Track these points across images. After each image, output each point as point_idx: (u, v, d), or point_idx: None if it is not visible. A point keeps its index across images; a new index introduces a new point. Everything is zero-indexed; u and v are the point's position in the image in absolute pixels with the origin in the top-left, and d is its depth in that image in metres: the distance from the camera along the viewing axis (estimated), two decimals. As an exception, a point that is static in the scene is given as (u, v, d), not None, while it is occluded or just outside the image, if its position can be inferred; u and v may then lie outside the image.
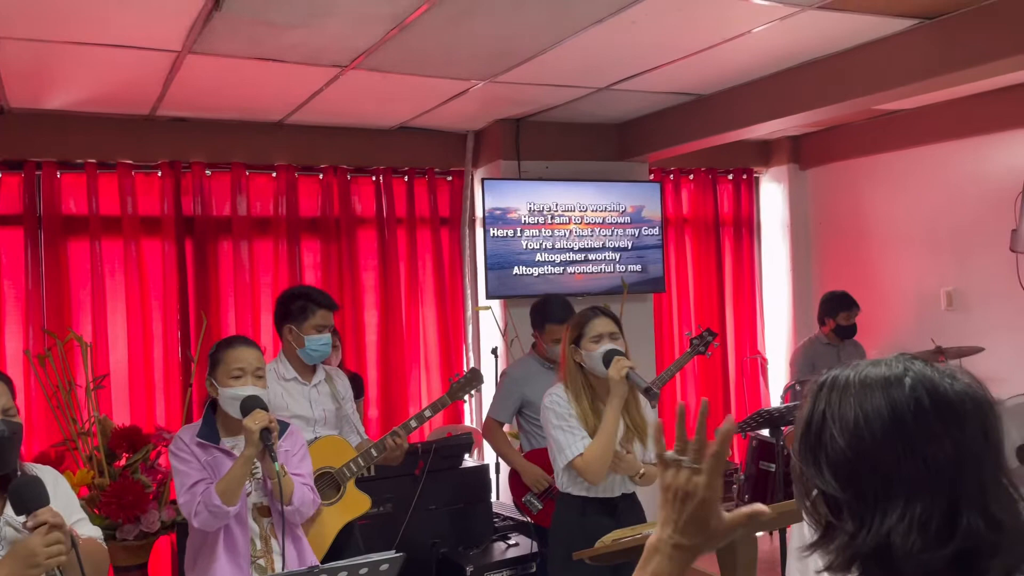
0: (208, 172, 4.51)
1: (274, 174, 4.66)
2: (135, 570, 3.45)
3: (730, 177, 5.86)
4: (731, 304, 5.80)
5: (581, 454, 2.60)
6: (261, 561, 2.44)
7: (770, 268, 6.00)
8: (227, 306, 4.52)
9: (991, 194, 4.53)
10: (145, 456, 3.45)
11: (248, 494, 2.43)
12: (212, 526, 2.39)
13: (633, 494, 2.81)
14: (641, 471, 2.70)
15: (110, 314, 4.26)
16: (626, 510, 2.75)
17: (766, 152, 5.96)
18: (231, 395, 2.42)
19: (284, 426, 2.57)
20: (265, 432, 2.30)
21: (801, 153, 5.86)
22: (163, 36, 3.08)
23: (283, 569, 2.41)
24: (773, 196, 5.98)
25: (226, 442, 2.47)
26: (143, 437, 3.51)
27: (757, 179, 6.04)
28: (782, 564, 3.45)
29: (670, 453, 1.08)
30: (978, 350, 4.49)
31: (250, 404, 2.37)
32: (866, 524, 0.92)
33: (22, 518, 1.80)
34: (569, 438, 2.63)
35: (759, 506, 1.07)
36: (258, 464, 2.42)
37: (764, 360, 5.88)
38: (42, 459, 3.39)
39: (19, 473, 1.89)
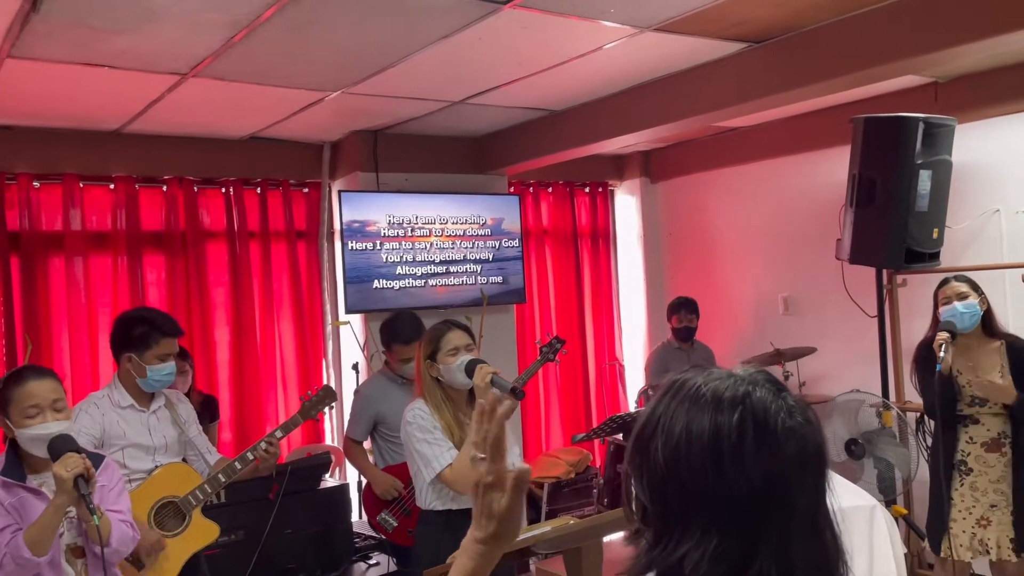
0: (36, 184, 4.18)
1: (112, 186, 4.38)
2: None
3: (587, 190, 6.03)
4: (590, 312, 5.96)
5: (450, 465, 2.60)
6: None
7: (626, 277, 6.22)
8: (60, 327, 4.20)
9: (819, 205, 4.89)
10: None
11: (61, 535, 2.25)
12: None
13: None
14: None
15: (-80, 339, 3.87)
16: None
17: (620, 166, 6.19)
18: (31, 435, 2.23)
19: (99, 459, 2.40)
20: (80, 480, 2.13)
21: (651, 167, 6.12)
22: (-26, 37, 2.83)
23: None
24: (627, 208, 6.21)
25: (32, 480, 2.28)
26: (-44, 475, 3.18)
27: (612, 192, 6.25)
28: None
29: (475, 453, 1.08)
30: (811, 351, 4.83)
31: (59, 447, 2.19)
32: (662, 542, 0.91)
33: None
34: (436, 450, 2.62)
35: (521, 465, 1.06)
36: (72, 508, 2.25)
37: (621, 366, 6.08)
38: None
39: None
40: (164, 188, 4.54)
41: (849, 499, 2.72)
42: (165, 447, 2.88)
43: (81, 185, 4.28)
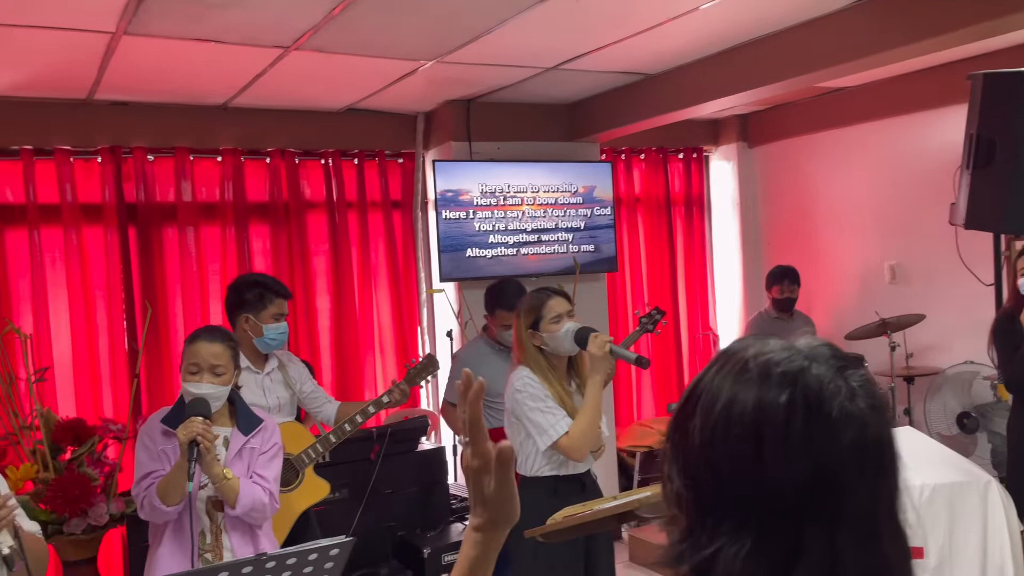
0: (151, 157, 4.40)
1: (220, 158, 4.56)
2: (84, 564, 3.38)
3: (680, 156, 5.90)
4: (683, 282, 5.87)
5: (566, 433, 2.63)
6: (209, 555, 2.41)
7: (721, 245, 6.08)
8: (174, 295, 4.43)
9: (931, 169, 4.64)
10: (91, 449, 3.38)
11: (203, 486, 2.39)
12: (156, 520, 2.39)
13: (590, 470, 2.85)
14: (602, 445, 2.76)
15: (52, 305, 4.15)
16: (591, 485, 2.81)
17: (715, 131, 6.02)
18: (185, 391, 2.41)
19: (257, 421, 2.53)
20: (193, 445, 2.26)
21: (749, 131, 5.93)
22: (95, 17, 2.98)
23: None
24: (723, 174, 6.05)
25: None
26: (88, 429, 3.43)
27: (707, 157, 6.10)
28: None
29: (461, 437, 1.03)
30: (919, 318, 4.61)
31: (191, 409, 2.33)
32: (694, 534, 0.80)
33: None
34: (550, 419, 2.65)
35: (501, 443, 1.00)
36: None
37: (716, 336, 5.97)
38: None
39: None
40: (267, 160, 4.69)
41: (959, 474, 2.60)
42: (279, 407, 3.02)
43: (191, 158, 4.48)
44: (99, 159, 4.29)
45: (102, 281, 4.27)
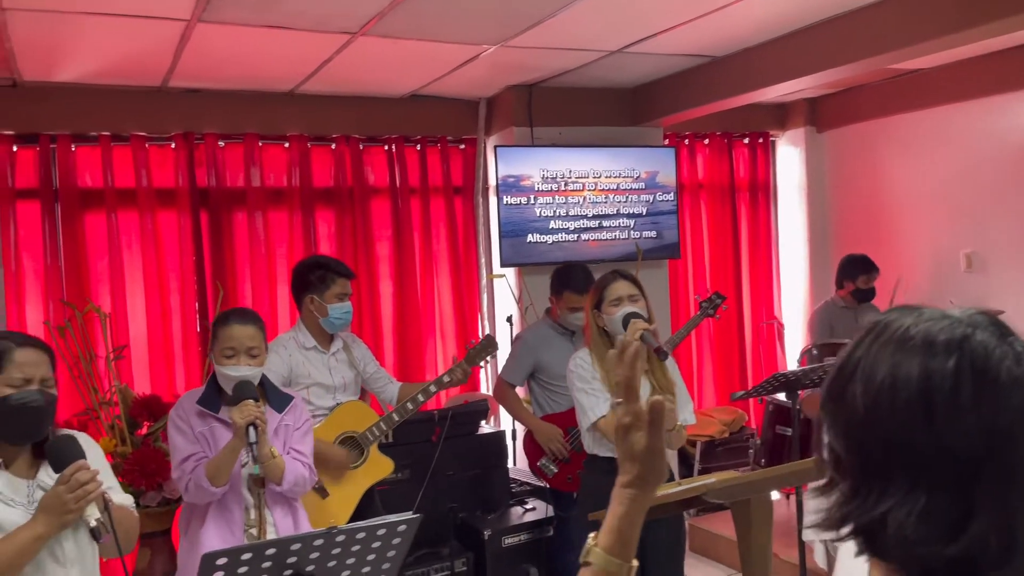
0: (221, 143, 4.51)
1: (287, 144, 4.65)
2: (159, 536, 3.52)
3: (746, 141, 5.79)
4: (747, 269, 5.77)
5: (604, 416, 2.63)
6: (253, 531, 2.45)
7: (787, 232, 5.95)
8: (243, 277, 4.55)
9: (1010, 154, 4.45)
10: (165, 424, 3.50)
11: (244, 464, 2.44)
12: (201, 500, 2.42)
13: None
14: (676, 425, 2.70)
15: (128, 286, 4.30)
16: None
17: (782, 115, 5.89)
18: (223, 374, 2.44)
19: (288, 399, 2.58)
20: (251, 428, 2.30)
21: (818, 115, 5.78)
22: (171, 5, 3.07)
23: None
24: (790, 160, 5.91)
25: (225, 412, 2.47)
26: (163, 406, 3.56)
27: (773, 142, 5.97)
28: (799, 528, 3.46)
29: (613, 400, 1.07)
30: (998, 313, 4.43)
31: (240, 393, 2.37)
32: (860, 495, 0.83)
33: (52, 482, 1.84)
34: (592, 400, 2.66)
35: (656, 399, 1.03)
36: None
37: (780, 325, 5.85)
38: (65, 428, 3.45)
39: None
40: (332, 146, 4.77)
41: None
42: (344, 386, 3.08)
43: (260, 144, 4.58)
44: (172, 145, 4.42)
45: (175, 263, 4.41)
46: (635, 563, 1.04)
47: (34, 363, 1.88)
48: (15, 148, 4.13)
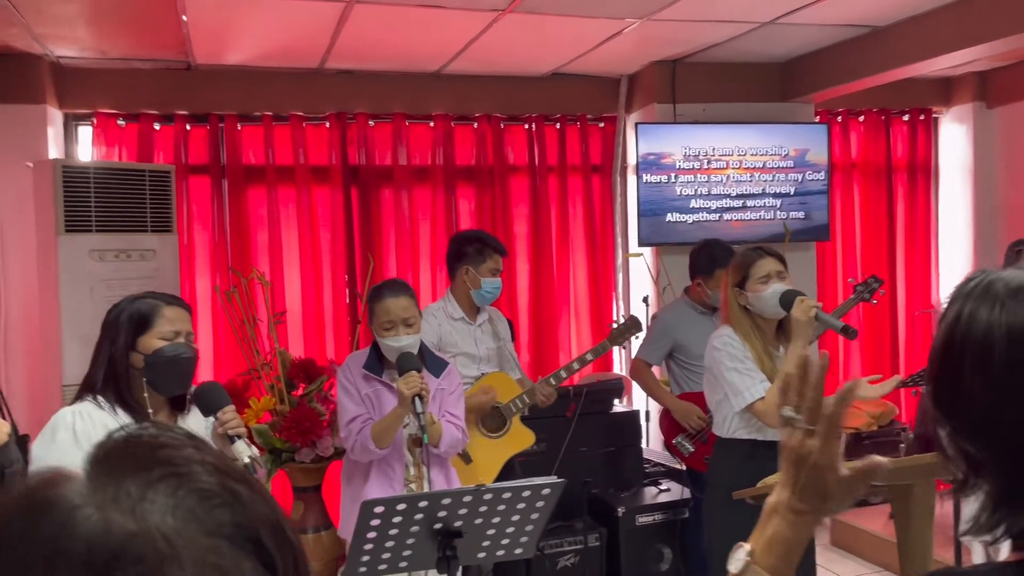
0: (371, 123, 4.70)
1: (432, 124, 4.79)
2: (311, 491, 3.74)
3: (905, 118, 5.43)
4: (903, 255, 5.43)
5: (762, 397, 2.56)
6: (412, 485, 2.63)
7: (948, 217, 5.54)
8: (388, 250, 4.74)
9: None
10: (319, 387, 3.71)
11: (405, 426, 2.59)
12: (365, 459, 2.60)
13: None
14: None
15: (285, 256, 4.58)
16: None
17: (947, 90, 5.47)
18: (385, 345, 2.58)
19: (443, 365, 2.69)
20: (416, 399, 2.41)
21: (989, 90, 5.33)
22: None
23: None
24: (955, 138, 5.49)
25: (387, 375, 2.64)
26: (318, 369, 3.78)
27: (936, 120, 5.56)
28: (955, 526, 3.25)
29: (787, 410, 0.96)
30: None
31: (405, 364, 2.48)
32: (1011, 498, 0.73)
33: (204, 425, 1.99)
34: (747, 381, 2.59)
35: (875, 458, 0.94)
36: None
37: (939, 315, 5.47)
38: (229, 387, 3.72)
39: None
40: (475, 125, 4.87)
41: None
42: (488, 357, 3.17)
43: (407, 123, 4.74)
44: (327, 124, 4.65)
45: (328, 237, 4.65)
46: None
47: (181, 319, 2.04)
48: (188, 127, 4.48)
